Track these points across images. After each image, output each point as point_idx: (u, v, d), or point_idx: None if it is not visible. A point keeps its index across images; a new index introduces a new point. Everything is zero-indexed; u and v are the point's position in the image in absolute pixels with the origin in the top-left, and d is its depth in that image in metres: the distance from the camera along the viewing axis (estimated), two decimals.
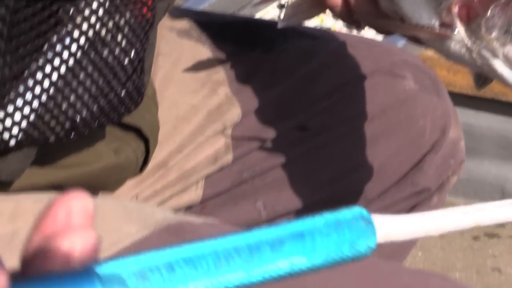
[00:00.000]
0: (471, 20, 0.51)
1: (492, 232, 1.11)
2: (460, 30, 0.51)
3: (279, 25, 0.60)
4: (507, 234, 1.12)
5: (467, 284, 0.50)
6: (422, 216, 0.26)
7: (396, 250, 0.62)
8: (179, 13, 0.66)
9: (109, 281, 0.19)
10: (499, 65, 0.49)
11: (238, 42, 0.63)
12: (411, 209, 0.64)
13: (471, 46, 0.50)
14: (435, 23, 0.52)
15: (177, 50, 0.60)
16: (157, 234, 0.47)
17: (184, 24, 0.62)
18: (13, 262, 0.34)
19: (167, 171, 0.58)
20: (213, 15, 0.73)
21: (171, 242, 0.39)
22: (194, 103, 0.59)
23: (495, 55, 0.49)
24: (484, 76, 0.52)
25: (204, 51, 0.61)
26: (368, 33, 0.96)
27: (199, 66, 0.60)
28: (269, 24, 0.73)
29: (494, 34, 0.50)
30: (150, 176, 0.58)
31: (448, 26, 0.51)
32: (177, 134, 0.59)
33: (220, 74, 0.60)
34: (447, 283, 0.48)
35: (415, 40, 0.55)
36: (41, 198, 0.50)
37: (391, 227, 0.25)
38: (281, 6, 1.22)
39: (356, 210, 0.23)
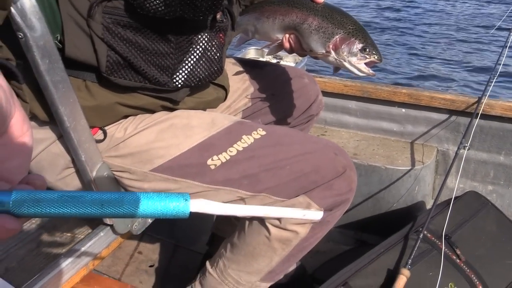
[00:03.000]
0: (337, 49, 0.94)
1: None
2: (332, 53, 0.95)
3: (266, 55, 1.25)
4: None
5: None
6: (220, 204, 0.33)
7: None
8: (230, 56, 1.22)
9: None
10: (347, 65, 0.95)
11: (251, 66, 1.19)
12: (307, 122, 1.19)
13: (336, 58, 0.95)
14: (323, 51, 0.96)
15: (230, 67, 1.15)
16: (235, 123, 0.88)
17: (231, 59, 1.19)
18: (178, 141, 0.87)
19: (229, 108, 1.11)
20: (241, 58, 1.29)
21: (235, 129, 1.02)
22: (238, 86, 1.14)
23: (345, 61, 0.95)
24: (338, 68, 1.00)
25: (239, 68, 1.17)
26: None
27: (237, 73, 1.16)
28: (257, 61, 1.33)
29: (345, 53, 0.94)
30: (225, 110, 1.10)
31: (328, 52, 0.95)
32: (232, 95, 1.12)
33: (246, 77, 1.16)
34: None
35: (316, 58, 1.06)
36: (195, 113, 0.90)
37: (201, 205, 0.31)
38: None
39: (183, 194, 0.31)
